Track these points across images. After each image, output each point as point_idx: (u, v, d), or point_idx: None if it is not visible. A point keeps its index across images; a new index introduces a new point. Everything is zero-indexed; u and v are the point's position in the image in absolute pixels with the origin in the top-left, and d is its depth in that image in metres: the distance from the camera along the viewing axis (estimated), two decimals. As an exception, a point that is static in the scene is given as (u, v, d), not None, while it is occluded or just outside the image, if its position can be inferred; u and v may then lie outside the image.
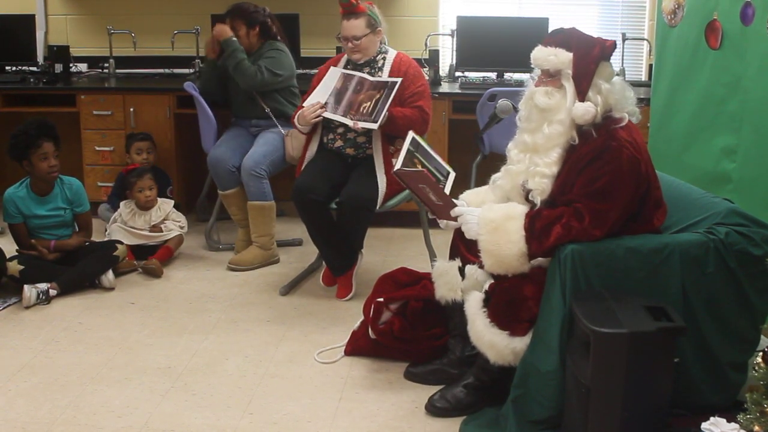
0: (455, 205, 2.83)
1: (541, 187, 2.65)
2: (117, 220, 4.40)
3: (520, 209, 2.66)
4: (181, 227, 4.45)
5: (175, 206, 4.55)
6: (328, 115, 3.75)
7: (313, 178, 3.74)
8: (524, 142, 2.71)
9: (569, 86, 2.61)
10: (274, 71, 4.33)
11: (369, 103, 3.68)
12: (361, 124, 3.64)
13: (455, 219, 2.81)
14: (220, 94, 4.57)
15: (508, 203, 2.72)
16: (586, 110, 2.57)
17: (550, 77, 2.65)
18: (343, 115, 3.70)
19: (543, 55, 2.65)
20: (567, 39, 2.64)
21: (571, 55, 2.60)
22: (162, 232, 4.37)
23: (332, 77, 3.82)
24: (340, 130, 3.84)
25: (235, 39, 4.33)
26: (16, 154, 3.92)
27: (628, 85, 2.71)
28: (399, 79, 3.66)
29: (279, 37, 4.50)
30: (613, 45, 2.64)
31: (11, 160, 4.00)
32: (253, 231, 4.30)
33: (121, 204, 4.44)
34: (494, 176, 2.91)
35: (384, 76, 3.76)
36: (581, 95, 2.58)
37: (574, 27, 2.70)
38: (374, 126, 3.63)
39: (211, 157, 4.37)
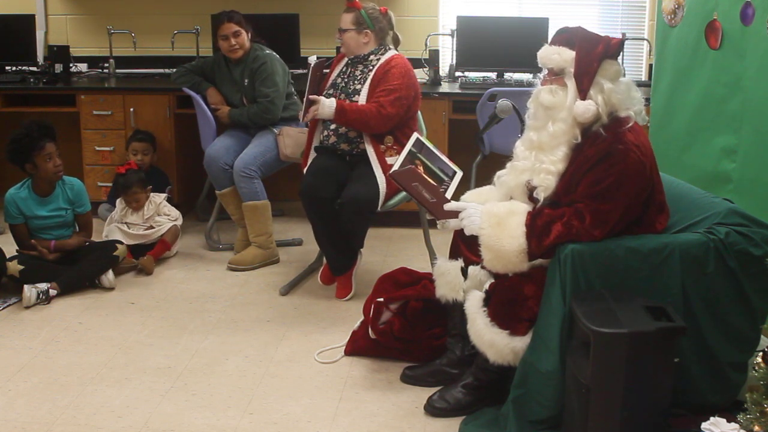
0: (448, 200, 2.83)
1: (546, 183, 2.64)
2: (114, 219, 4.40)
3: (524, 207, 2.67)
4: (173, 219, 4.44)
5: (174, 207, 4.54)
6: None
7: (320, 177, 3.75)
8: (530, 139, 2.71)
9: (571, 84, 2.61)
10: (273, 100, 4.36)
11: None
12: (300, 114, 3.88)
13: (453, 216, 2.81)
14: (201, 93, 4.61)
15: (512, 201, 2.72)
16: (587, 108, 2.56)
17: (555, 75, 2.66)
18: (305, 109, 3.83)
19: (547, 54, 2.66)
20: (571, 37, 2.64)
21: (573, 53, 2.60)
22: (154, 228, 4.37)
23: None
24: (332, 126, 3.87)
25: (234, 111, 4.44)
26: (20, 158, 3.88)
27: (635, 85, 2.69)
28: (310, 67, 3.72)
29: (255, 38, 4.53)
30: (619, 43, 2.61)
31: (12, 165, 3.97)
32: (250, 231, 4.30)
33: (117, 201, 4.46)
34: (499, 173, 2.90)
35: (371, 75, 3.79)
36: (582, 93, 2.57)
37: (580, 26, 2.69)
38: (300, 119, 3.88)
39: (206, 156, 4.38)
